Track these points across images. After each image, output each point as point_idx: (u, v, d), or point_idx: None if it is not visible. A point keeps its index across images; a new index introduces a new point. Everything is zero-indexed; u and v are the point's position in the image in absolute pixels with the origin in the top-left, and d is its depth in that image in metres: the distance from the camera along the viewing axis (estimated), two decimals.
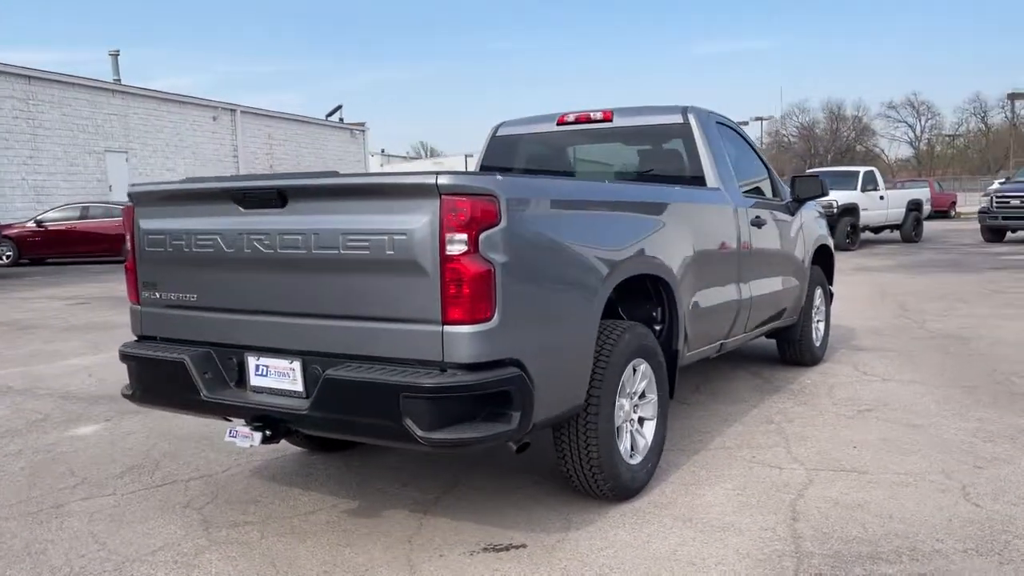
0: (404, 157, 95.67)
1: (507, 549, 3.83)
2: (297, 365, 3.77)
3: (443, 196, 3.29)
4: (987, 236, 24.13)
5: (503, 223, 3.38)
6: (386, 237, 3.39)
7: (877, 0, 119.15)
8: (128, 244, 4.27)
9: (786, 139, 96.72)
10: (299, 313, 3.72)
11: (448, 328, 3.35)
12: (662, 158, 6.13)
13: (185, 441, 5.72)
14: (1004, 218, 23.24)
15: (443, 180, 3.28)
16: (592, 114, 6.13)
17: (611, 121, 6.07)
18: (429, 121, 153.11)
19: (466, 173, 3.36)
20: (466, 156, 79.13)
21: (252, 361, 3.91)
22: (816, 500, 4.32)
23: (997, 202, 23.00)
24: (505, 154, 6.53)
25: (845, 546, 3.76)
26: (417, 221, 3.34)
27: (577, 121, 6.20)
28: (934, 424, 5.69)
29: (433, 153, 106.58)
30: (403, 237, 3.36)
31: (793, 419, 5.89)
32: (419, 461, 5.07)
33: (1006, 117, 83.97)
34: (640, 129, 6.06)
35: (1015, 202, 22.78)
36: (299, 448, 5.41)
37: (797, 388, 6.83)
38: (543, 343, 3.65)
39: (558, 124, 6.30)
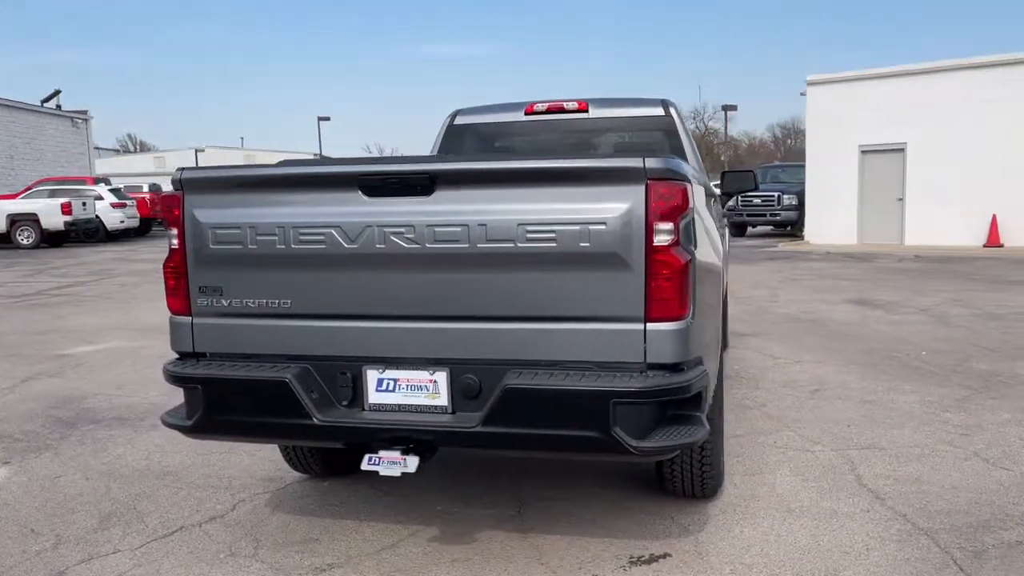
0: (117, 151, 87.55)
1: (655, 560, 3.61)
2: (442, 376, 3.28)
3: (649, 181, 3.02)
4: (732, 231, 26.89)
5: (691, 211, 3.17)
6: (579, 227, 3.04)
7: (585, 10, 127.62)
8: (175, 240, 3.47)
9: None
10: (447, 316, 3.24)
11: (652, 326, 3.08)
12: (641, 151, 6.09)
13: (142, 479, 4.80)
14: (748, 215, 26.15)
15: (650, 163, 3.00)
16: (566, 104, 5.94)
17: (586, 112, 5.92)
18: (144, 112, 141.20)
19: (667, 156, 3.10)
20: (196, 150, 74.11)
21: (373, 375, 3.35)
22: (875, 479, 4.51)
23: (742, 201, 25.63)
24: (465, 144, 6.15)
25: (950, 519, 3.96)
26: (619, 209, 3.03)
27: (549, 111, 5.98)
28: (883, 400, 6.18)
29: (144, 147, 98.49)
30: (601, 227, 3.03)
31: (765, 403, 6.13)
32: (442, 478, 4.62)
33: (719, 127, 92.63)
34: (618, 121, 5.97)
35: (756, 201, 25.65)
36: (300, 475, 4.74)
37: (733, 374, 7.12)
38: (709, 339, 3.48)
39: (526, 114, 6.04)
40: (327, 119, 65.23)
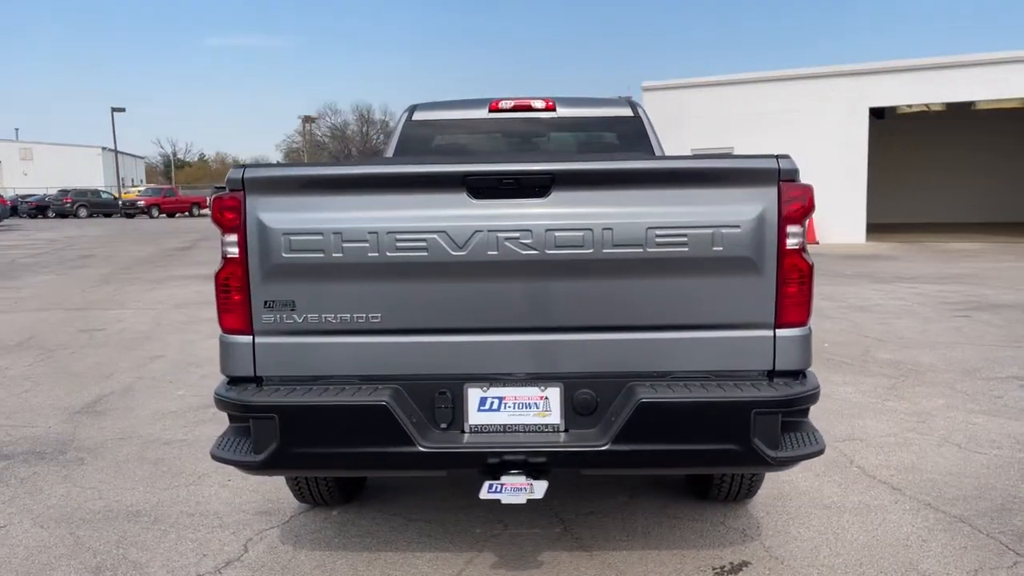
0: None
1: (738, 570, 3.55)
2: (554, 392, 3.05)
3: (782, 183, 2.95)
4: None
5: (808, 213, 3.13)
6: (712, 231, 2.92)
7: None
8: (233, 249, 3.01)
9: (320, 138, 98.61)
10: (562, 327, 3.02)
11: (781, 332, 3.01)
12: (609, 151, 6.01)
13: (110, 522, 4.16)
14: None
15: (784, 164, 2.94)
16: (533, 102, 5.77)
17: (553, 111, 5.78)
18: None
19: (788, 157, 3.03)
20: None
21: (475, 394, 3.06)
22: (878, 470, 4.70)
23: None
24: (424, 141, 5.82)
25: (972, 505, 4.18)
26: (753, 211, 2.94)
27: (515, 109, 5.78)
28: (826, 392, 6.48)
29: None
30: (735, 230, 2.93)
31: None
32: (442, 495, 4.34)
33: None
34: (586, 121, 5.87)
35: None
36: (299, 505, 4.29)
37: None
38: None
39: (491, 111, 5.80)
40: (122, 110, 60.76)
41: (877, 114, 23.44)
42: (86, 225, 38.43)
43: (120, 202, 49.87)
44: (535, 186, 2.93)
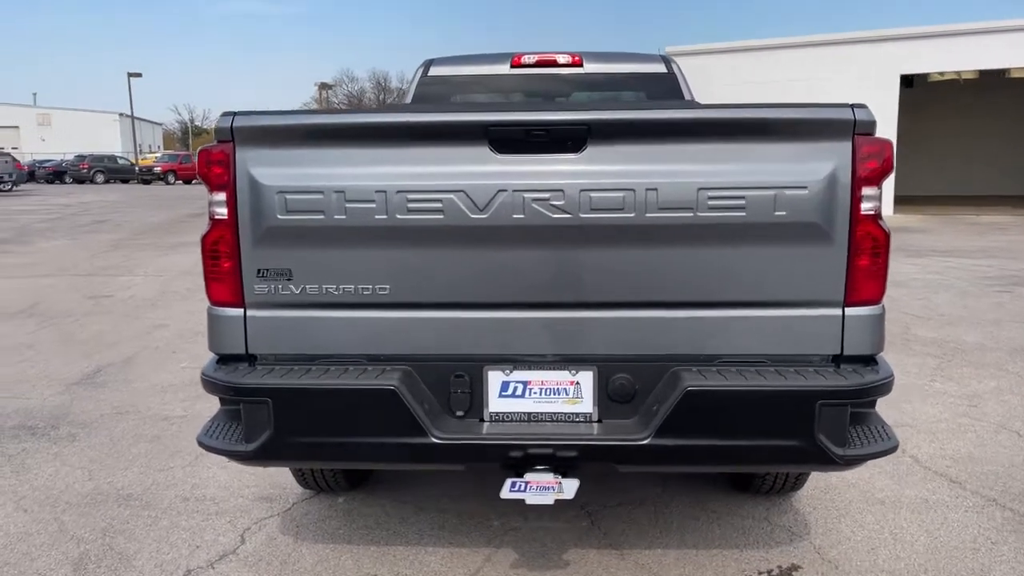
0: None
1: (788, 574, 3.18)
2: (587, 377, 2.67)
3: (857, 136, 2.53)
4: None
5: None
6: (774, 192, 2.51)
7: None
8: (221, 209, 2.63)
9: (337, 106, 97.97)
10: (596, 303, 2.63)
11: (851, 311, 2.61)
12: None
13: (98, 506, 3.84)
14: None
15: (860, 114, 2.51)
16: (558, 57, 5.33)
17: (580, 67, 5.34)
18: None
19: (865, 106, 2.59)
20: None
21: (496, 377, 2.68)
22: (933, 460, 4.31)
23: None
24: (440, 99, 5.41)
25: None
26: (822, 169, 2.52)
27: (539, 64, 5.34)
28: None
29: None
30: (801, 192, 2.52)
31: None
32: (454, 481, 3.97)
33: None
34: (616, 78, 5.42)
35: None
36: (302, 491, 3.95)
37: None
38: None
39: (513, 66, 5.37)
40: (139, 75, 60.38)
41: (907, 82, 22.70)
42: (102, 191, 38.23)
43: (137, 168, 49.66)
44: (568, 139, 2.53)
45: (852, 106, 2.51)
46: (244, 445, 2.65)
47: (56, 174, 47.55)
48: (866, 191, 2.53)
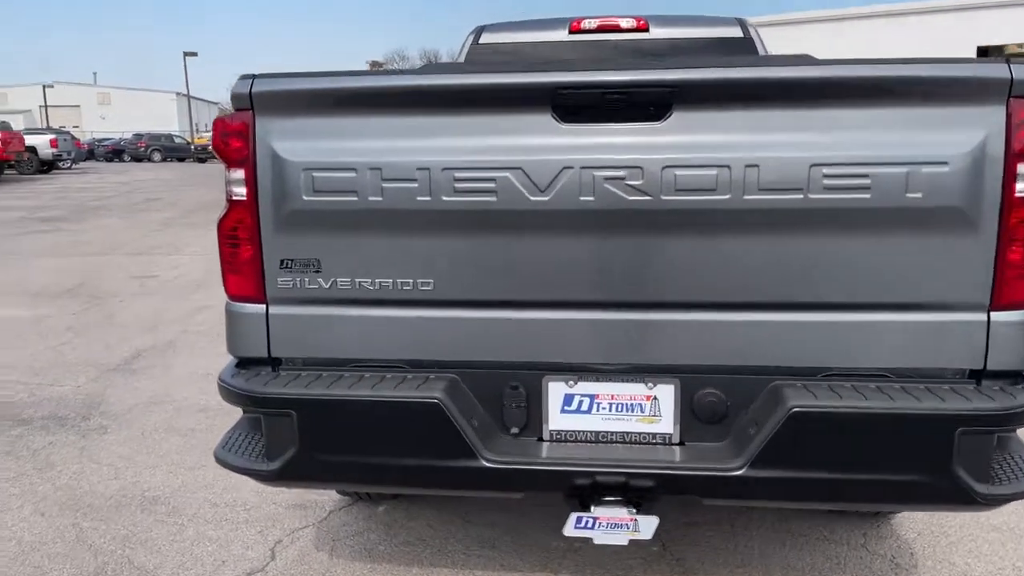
0: None
1: None
2: (667, 391, 2.24)
3: (1013, 99, 2.04)
4: None
5: None
6: (905, 169, 2.04)
7: None
8: (240, 189, 2.25)
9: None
10: (682, 303, 2.19)
11: (998, 316, 2.13)
12: None
13: (121, 510, 3.54)
14: None
15: (1018, 72, 2.02)
16: (621, 21, 4.85)
17: (646, 31, 4.85)
18: None
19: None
20: (44, 86, 67.92)
21: (558, 389, 2.27)
22: None
23: None
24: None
25: None
26: (968, 141, 2.04)
27: (600, 29, 4.86)
28: None
29: None
30: (940, 169, 2.04)
31: None
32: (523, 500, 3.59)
33: None
34: (686, 43, 4.92)
35: None
36: (340, 497, 3.60)
37: None
38: None
39: (571, 32, 4.90)
40: (194, 55, 60.96)
41: (982, 54, 21.59)
42: (158, 169, 38.64)
43: (192, 147, 50.13)
44: (649, 104, 2.09)
45: (1008, 62, 2.02)
46: (265, 463, 2.29)
47: (115, 152, 48.32)
48: (1022, 168, 2.05)
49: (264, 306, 2.31)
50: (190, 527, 3.39)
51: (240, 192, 2.24)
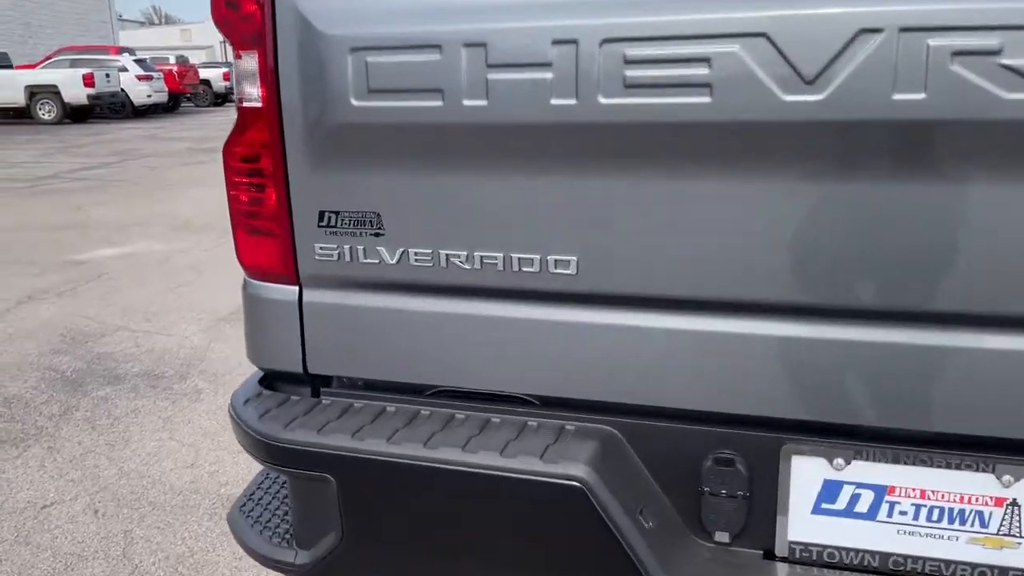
0: (141, 23, 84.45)
1: None
2: None
3: None
4: None
5: None
6: None
7: None
8: (253, 90, 1.30)
9: None
10: None
11: None
12: None
13: (187, 512, 2.83)
14: None
15: None
16: None
17: None
18: None
19: None
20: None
21: (813, 470, 1.22)
22: None
23: None
24: None
25: None
26: None
27: None
28: None
29: (169, 20, 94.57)
30: None
31: None
32: None
33: None
34: None
35: None
36: None
37: None
38: None
39: None
40: None
41: None
42: None
43: None
44: None
45: None
46: (293, 551, 1.39)
47: None
48: None
49: (296, 288, 1.37)
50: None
51: (253, 94, 1.30)
